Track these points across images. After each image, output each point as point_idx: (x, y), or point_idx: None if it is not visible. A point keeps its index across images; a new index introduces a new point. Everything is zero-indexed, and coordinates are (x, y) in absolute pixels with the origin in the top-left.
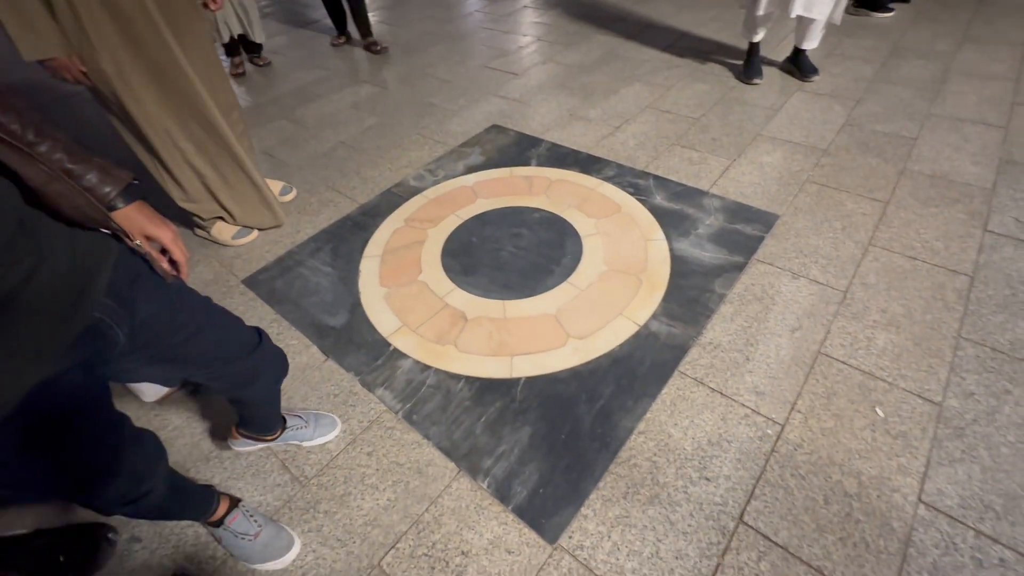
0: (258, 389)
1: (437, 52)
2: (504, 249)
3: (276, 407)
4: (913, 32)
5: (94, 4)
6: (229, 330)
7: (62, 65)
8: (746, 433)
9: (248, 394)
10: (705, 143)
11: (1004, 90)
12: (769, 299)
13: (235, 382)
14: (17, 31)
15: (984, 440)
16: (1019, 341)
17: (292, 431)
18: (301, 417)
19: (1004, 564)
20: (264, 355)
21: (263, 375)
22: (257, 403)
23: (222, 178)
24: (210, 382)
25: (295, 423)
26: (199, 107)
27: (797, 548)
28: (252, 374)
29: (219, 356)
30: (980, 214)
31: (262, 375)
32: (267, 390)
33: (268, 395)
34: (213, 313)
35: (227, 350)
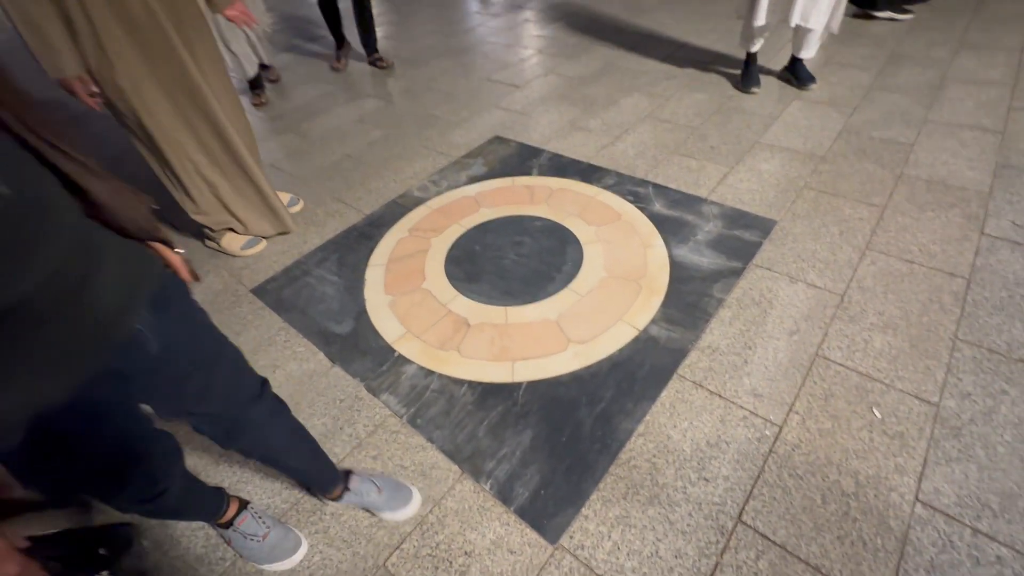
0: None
1: (440, 66)
2: (506, 257)
3: (319, 461)
4: (910, 40)
5: (111, 21)
6: (241, 371)
7: (77, 86)
8: (744, 434)
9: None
10: (703, 151)
11: (1001, 95)
12: (767, 303)
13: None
14: (38, 49)
15: (981, 440)
16: (1015, 342)
17: (357, 496)
18: (376, 483)
19: (1001, 561)
20: (265, 403)
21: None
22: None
23: (233, 187)
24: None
25: (365, 488)
26: (211, 118)
27: (795, 547)
28: (248, 423)
29: (224, 394)
30: (977, 218)
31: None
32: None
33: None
34: (228, 349)
35: (235, 391)
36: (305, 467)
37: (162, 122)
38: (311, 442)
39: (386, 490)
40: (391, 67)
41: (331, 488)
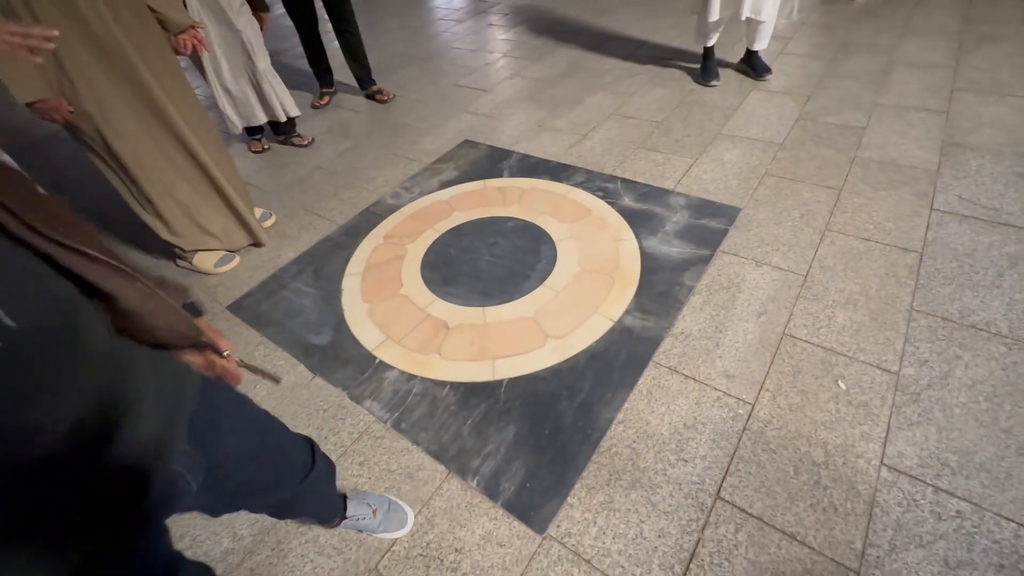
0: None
1: (408, 73)
2: (482, 258)
3: (330, 500)
4: (857, 28)
5: (76, 43)
6: (291, 449)
7: (51, 107)
8: (719, 414)
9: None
10: (668, 145)
11: (944, 78)
12: (735, 287)
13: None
14: (7, 74)
15: (939, 403)
16: (966, 309)
17: (354, 521)
18: (370, 504)
19: (960, 515)
20: (318, 475)
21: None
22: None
23: (205, 204)
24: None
25: (360, 512)
26: (179, 136)
27: (771, 517)
28: (307, 494)
29: (280, 482)
30: (926, 194)
31: (316, 492)
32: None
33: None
34: (275, 432)
35: (288, 475)
36: (327, 511)
37: (130, 143)
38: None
39: (380, 511)
40: (392, 100)
41: (333, 518)
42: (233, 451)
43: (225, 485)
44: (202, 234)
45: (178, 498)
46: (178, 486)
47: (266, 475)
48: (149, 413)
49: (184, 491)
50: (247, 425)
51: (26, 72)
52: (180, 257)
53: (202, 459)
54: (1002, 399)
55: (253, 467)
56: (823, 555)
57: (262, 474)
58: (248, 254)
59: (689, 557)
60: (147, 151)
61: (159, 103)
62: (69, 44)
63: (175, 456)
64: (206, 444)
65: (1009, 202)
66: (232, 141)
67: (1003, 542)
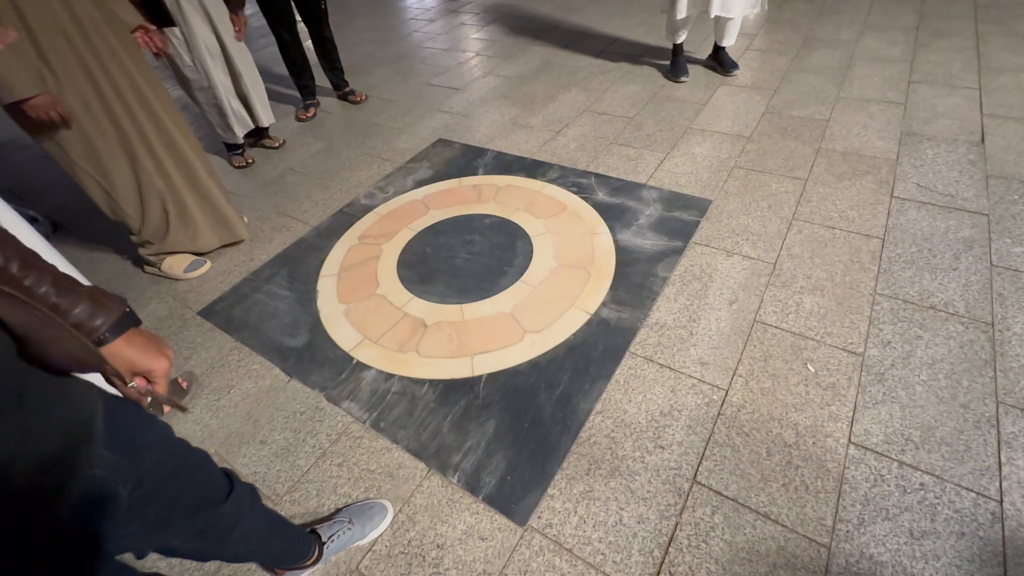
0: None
1: (379, 73)
2: (458, 256)
3: (284, 534)
4: (819, 24)
5: (56, 37)
6: (209, 470)
7: (47, 102)
8: (694, 401)
9: (235, 547)
10: (640, 140)
11: (901, 71)
12: (707, 277)
13: (214, 539)
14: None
15: (901, 382)
16: (926, 291)
17: (336, 540)
18: (342, 520)
19: (924, 487)
20: (240, 496)
21: (241, 517)
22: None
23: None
24: (188, 541)
25: (337, 529)
26: (164, 131)
27: (746, 498)
28: (230, 521)
29: (205, 500)
30: (887, 183)
31: (240, 517)
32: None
33: (257, 531)
34: (192, 452)
35: (210, 497)
36: (283, 540)
37: (111, 137)
38: (279, 516)
39: (356, 519)
40: (364, 100)
41: (310, 552)
42: (156, 463)
43: (151, 506)
44: (176, 236)
45: (110, 504)
46: (104, 490)
47: (190, 494)
48: (50, 429)
49: (113, 495)
50: (167, 442)
51: (17, 68)
52: (148, 263)
53: (125, 464)
54: (960, 376)
55: (178, 483)
56: (796, 532)
57: (185, 493)
58: (220, 258)
59: (668, 541)
60: (126, 146)
61: (144, 98)
62: (52, 42)
63: (92, 461)
64: (128, 452)
65: (964, 188)
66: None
67: (963, 511)
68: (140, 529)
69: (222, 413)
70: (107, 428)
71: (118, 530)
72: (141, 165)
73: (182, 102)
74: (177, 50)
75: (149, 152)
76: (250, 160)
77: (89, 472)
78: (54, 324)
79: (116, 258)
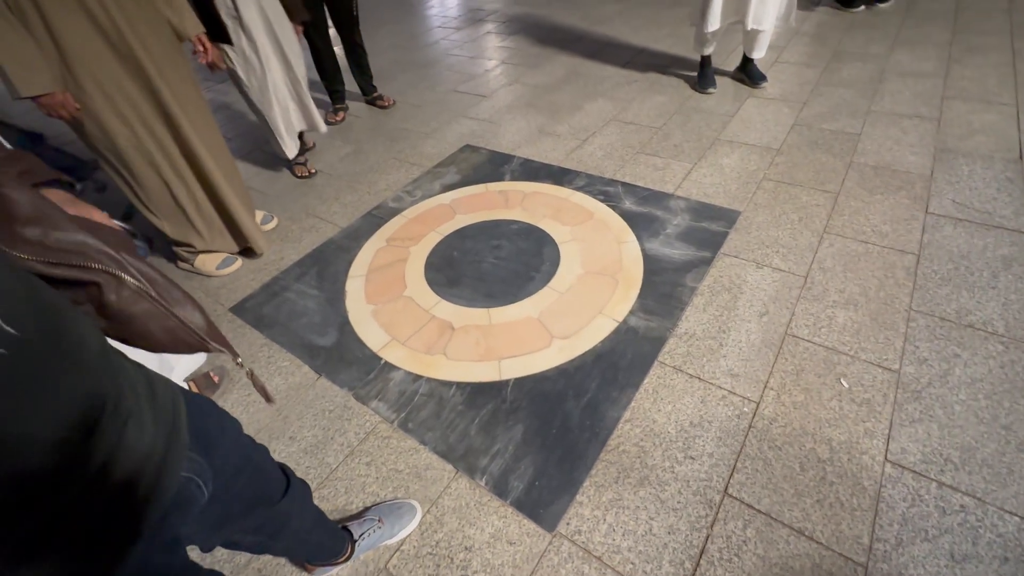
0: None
1: (407, 79)
2: (485, 260)
3: (326, 531)
4: (849, 38)
5: (82, 40)
6: (267, 467)
7: (57, 102)
8: (725, 412)
9: (285, 541)
10: (667, 150)
11: (934, 86)
12: (737, 289)
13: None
14: (13, 67)
15: (939, 400)
16: (963, 309)
17: (367, 539)
18: (372, 518)
19: (965, 510)
20: (294, 493)
21: (293, 515)
22: (300, 538)
23: (204, 208)
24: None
25: (367, 528)
26: (183, 137)
27: (779, 513)
28: (284, 517)
29: (263, 498)
30: (921, 198)
31: (292, 515)
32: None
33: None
34: (256, 449)
35: (268, 494)
36: (324, 537)
37: (132, 142)
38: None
39: (386, 518)
40: (392, 106)
41: (343, 549)
42: (225, 462)
43: (216, 504)
44: (197, 236)
45: (190, 505)
46: (190, 491)
47: (250, 491)
48: (150, 423)
49: (196, 497)
50: (236, 440)
51: (32, 65)
52: (181, 258)
53: (208, 466)
54: (1001, 396)
55: (241, 481)
56: (831, 550)
57: (247, 490)
58: (250, 257)
59: (699, 553)
60: (150, 149)
61: (164, 102)
62: (73, 38)
63: (182, 463)
64: (206, 453)
65: (1001, 206)
66: (278, 166)
67: (1007, 535)
68: (203, 526)
69: (252, 408)
70: (190, 428)
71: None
72: (162, 169)
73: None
74: (235, 70)
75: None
76: (312, 171)
77: (181, 474)
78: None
79: (153, 250)
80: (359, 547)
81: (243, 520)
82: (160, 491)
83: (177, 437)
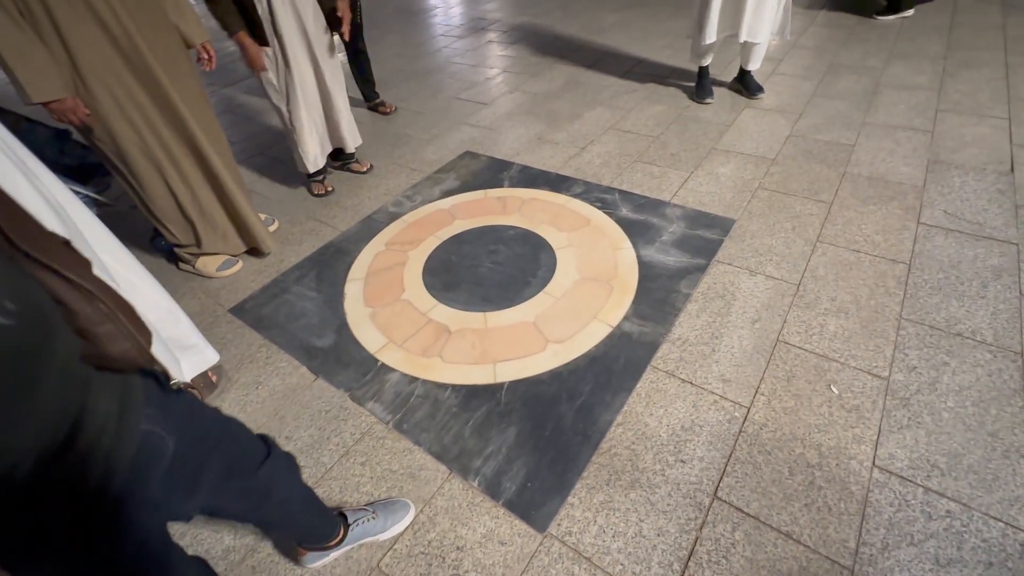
0: (274, 499)
1: (408, 87)
2: (482, 265)
3: (317, 511)
4: (845, 51)
5: (92, 45)
6: (243, 441)
7: (68, 107)
8: (716, 417)
9: (270, 513)
10: (664, 158)
11: (928, 99)
12: (730, 295)
13: (254, 499)
14: (24, 73)
15: (927, 407)
16: (953, 318)
17: (359, 527)
18: (367, 510)
19: (950, 515)
20: (276, 463)
21: (277, 483)
22: (286, 513)
23: (209, 209)
24: (228, 505)
25: (360, 516)
26: (192, 140)
27: (767, 517)
28: (267, 485)
29: (237, 470)
30: (913, 209)
31: (276, 483)
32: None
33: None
34: (222, 420)
35: (244, 463)
36: (315, 517)
37: (140, 146)
38: (315, 494)
39: (380, 511)
40: (394, 112)
41: (335, 532)
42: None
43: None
44: (209, 237)
45: (158, 457)
46: (152, 442)
47: (221, 459)
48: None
49: (161, 448)
50: (192, 407)
51: (43, 71)
52: (182, 260)
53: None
54: (988, 404)
55: (206, 446)
56: (818, 553)
57: (215, 458)
58: (251, 259)
59: (688, 555)
60: (156, 154)
61: (174, 106)
62: (84, 44)
63: (140, 416)
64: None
65: (992, 217)
66: (280, 170)
67: (991, 541)
68: (176, 490)
69: (249, 408)
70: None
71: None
72: (167, 174)
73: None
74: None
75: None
76: (330, 188)
77: (141, 427)
78: (115, 321)
79: (153, 251)
80: (351, 533)
81: (221, 488)
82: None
83: (130, 393)
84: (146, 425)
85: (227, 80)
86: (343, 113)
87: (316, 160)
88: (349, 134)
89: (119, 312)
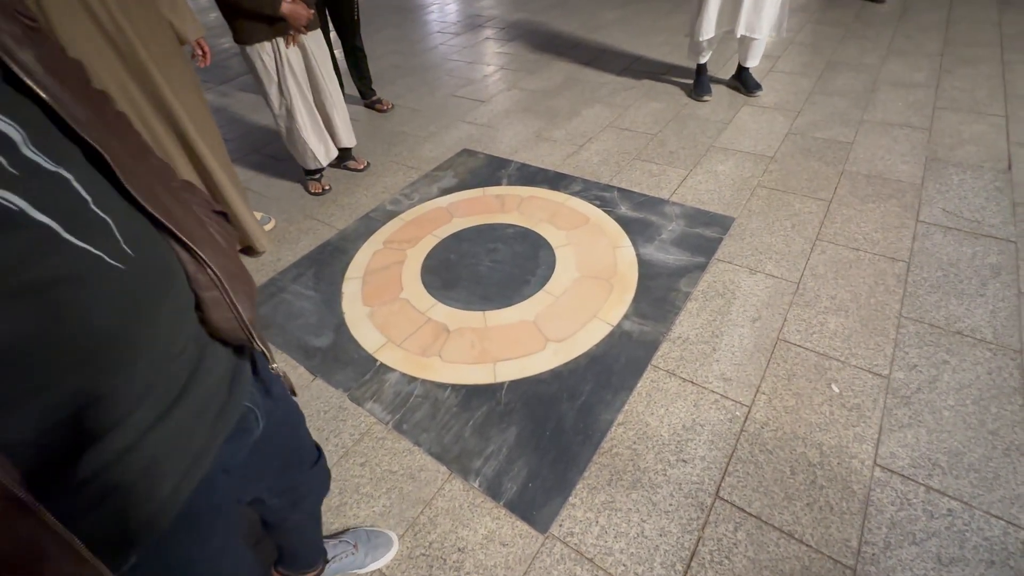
0: (303, 509)
1: (405, 84)
2: (481, 263)
3: (318, 535)
4: (843, 49)
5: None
6: (305, 437)
7: None
8: (717, 416)
9: (293, 517)
10: (663, 156)
11: (926, 96)
12: (730, 294)
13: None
14: None
15: (928, 406)
16: (953, 316)
17: (337, 562)
18: (348, 541)
19: (952, 514)
20: (321, 472)
21: (312, 492)
22: (300, 529)
23: None
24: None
25: (342, 551)
26: (185, 137)
27: (769, 516)
28: (306, 490)
29: (294, 464)
30: (912, 206)
31: (312, 492)
32: (311, 511)
33: (311, 519)
34: (301, 417)
35: (301, 459)
36: (314, 540)
37: None
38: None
39: (362, 545)
40: (391, 109)
41: (317, 564)
42: (273, 409)
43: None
44: None
45: (246, 436)
46: (248, 422)
47: (288, 448)
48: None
49: (252, 429)
50: (282, 392)
51: None
52: None
53: (264, 403)
54: (988, 402)
55: (283, 433)
56: (820, 552)
57: (286, 445)
58: (246, 258)
59: (690, 555)
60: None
61: (166, 102)
62: (78, 39)
63: (245, 394)
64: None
65: (990, 215)
66: (276, 168)
67: (993, 539)
68: (245, 474)
69: None
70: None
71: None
72: None
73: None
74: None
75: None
76: (327, 187)
77: (244, 403)
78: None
79: None
80: (329, 568)
81: (276, 478)
82: (226, 414)
83: (244, 366)
84: (248, 401)
85: (222, 77)
86: (336, 109)
87: (330, 151)
88: (344, 132)
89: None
